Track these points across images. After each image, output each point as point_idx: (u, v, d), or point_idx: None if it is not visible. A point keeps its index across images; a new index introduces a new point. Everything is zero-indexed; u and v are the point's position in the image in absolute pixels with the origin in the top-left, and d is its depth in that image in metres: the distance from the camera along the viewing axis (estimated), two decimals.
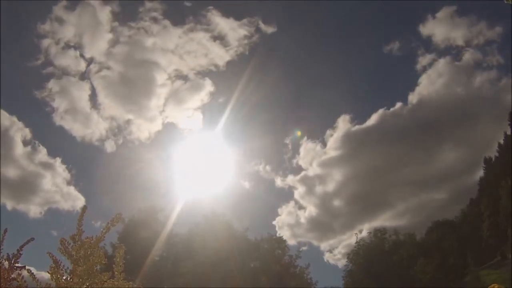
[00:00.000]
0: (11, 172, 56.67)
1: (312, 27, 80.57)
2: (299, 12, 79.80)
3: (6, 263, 1.49)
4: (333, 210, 59.16)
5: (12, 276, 1.47)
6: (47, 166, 61.54)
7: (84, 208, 1.44)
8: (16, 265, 1.55)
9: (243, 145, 65.52)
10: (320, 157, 59.51)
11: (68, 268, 1.47)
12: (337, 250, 58.47)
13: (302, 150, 66.16)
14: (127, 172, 64.63)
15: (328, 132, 63.98)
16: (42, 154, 58.33)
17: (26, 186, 58.18)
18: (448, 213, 55.82)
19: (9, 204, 49.62)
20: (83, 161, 65.23)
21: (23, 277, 1.40)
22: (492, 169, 46.56)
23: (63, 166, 60.81)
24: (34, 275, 1.56)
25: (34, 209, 60.27)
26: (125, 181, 64.44)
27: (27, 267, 1.61)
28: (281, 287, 36.14)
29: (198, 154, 58.82)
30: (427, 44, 77.27)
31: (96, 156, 61.54)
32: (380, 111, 62.70)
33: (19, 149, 56.43)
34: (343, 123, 64.69)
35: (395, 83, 77.80)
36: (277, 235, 43.65)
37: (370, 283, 39.65)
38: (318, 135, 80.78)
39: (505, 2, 2.65)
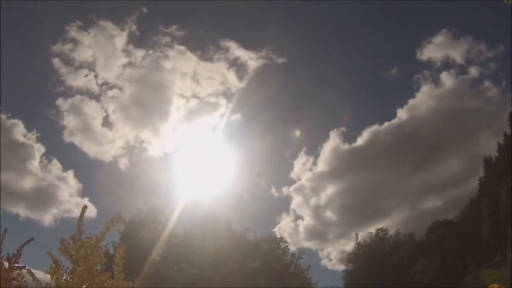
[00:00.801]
0: (27, 184, 59.62)
1: (307, 39, 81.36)
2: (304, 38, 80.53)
3: (6, 263, 1.49)
4: (329, 220, 60.70)
5: (12, 276, 1.46)
6: (61, 179, 62.44)
7: (84, 208, 1.44)
8: (16, 265, 1.54)
9: (245, 158, 68.54)
10: (314, 169, 60.76)
11: (68, 268, 1.47)
12: (332, 255, 59.23)
13: (297, 162, 66.38)
14: (139, 183, 66.11)
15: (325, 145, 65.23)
16: (57, 167, 60.56)
17: (41, 197, 60.79)
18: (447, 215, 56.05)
19: (24, 213, 50.88)
20: (96, 175, 66.84)
21: (23, 277, 1.40)
22: (492, 169, 46.58)
23: (76, 180, 61.81)
24: (34, 275, 1.55)
25: (48, 218, 61.81)
26: (135, 190, 65.80)
27: (27, 267, 1.60)
28: (281, 287, 36.11)
29: (200, 158, 59.59)
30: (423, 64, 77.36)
31: (108, 171, 62.61)
32: (374, 126, 64.44)
33: (34, 163, 57.78)
34: (334, 139, 66.08)
35: (390, 99, 78.66)
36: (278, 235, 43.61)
37: (370, 283, 39.65)
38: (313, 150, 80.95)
39: (505, 2, 2.65)
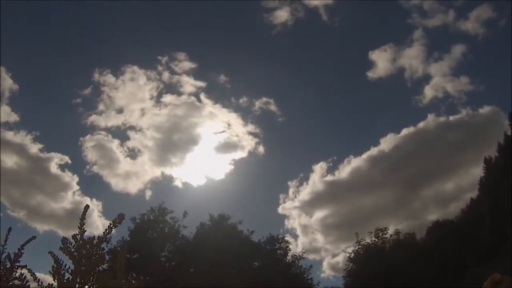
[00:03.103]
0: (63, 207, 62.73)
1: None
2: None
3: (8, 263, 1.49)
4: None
5: (14, 275, 1.46)
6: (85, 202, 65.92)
7: (86, 207, 1.43)
8: (17, 264, 1.54)
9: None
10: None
11: (69, 268, 1.46)
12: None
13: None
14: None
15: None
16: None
17: (73, 218, 64.21)
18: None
19: (61, 232, 53.44)
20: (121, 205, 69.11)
21: (25, 277, 1.40)
22: (492, 169, 46.55)
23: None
24: (35, 275, 1.55)
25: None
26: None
27: (27, 267, 1.60)
28: (282, 287, 36.15)
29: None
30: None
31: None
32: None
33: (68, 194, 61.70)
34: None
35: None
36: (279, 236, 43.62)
37: (370, 283, 39.63)
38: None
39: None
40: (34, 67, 76.62)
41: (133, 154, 66.47)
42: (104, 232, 1.54)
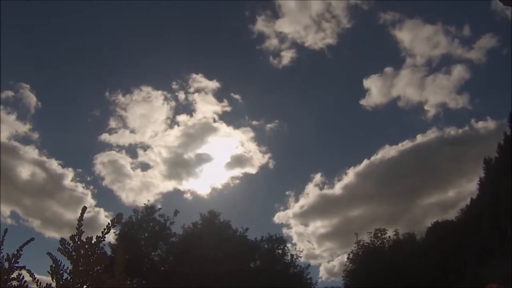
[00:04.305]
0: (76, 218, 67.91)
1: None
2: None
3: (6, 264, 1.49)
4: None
5: (12, 276, 1.46)
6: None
7: (83, 209, 1.44)
8: (16, 265, 1.54)
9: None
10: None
11: (68, 268, 1.47)
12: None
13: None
14: None
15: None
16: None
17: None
18: None
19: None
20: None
21: (23, 277, 1.40)
22: (492, 169, 46.56)
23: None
24: (34, 276, 1.55)
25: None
26: None
27: (26, 268, 1.60)
28: (281, 287, 36.09)
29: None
30: None
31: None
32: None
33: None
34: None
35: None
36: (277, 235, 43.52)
37: (370, 283, 39.62)
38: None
39: (503, 6, 2.65)
40: (56, 86, 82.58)
41: (144, 168, 71.66)
42: (102, 232, 1.54)
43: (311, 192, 65.98)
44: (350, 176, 68.49)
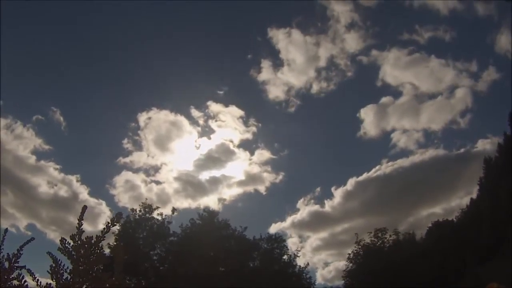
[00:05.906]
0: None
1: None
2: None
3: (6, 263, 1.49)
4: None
5: (12, 276, 1.47)
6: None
7: (84, 208, 1.44)
8: (16, 265, 1.55)
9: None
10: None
11: (68, 268, 1.47)
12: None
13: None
14: None
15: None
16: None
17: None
18: None
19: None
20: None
21: (23, 277, 1.40)
22: (492, 169, 46.55)
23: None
24: (34, 275, 1.55)
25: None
26: None
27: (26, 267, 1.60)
28: (280, 286, 36.05)
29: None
30: None
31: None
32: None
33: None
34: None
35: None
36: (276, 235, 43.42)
37: (370, 283, 39.61)
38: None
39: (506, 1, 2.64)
40: (79, 107, 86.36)
41: (160, 186, 71.38)
42: (102, 231, 1.54)
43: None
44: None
